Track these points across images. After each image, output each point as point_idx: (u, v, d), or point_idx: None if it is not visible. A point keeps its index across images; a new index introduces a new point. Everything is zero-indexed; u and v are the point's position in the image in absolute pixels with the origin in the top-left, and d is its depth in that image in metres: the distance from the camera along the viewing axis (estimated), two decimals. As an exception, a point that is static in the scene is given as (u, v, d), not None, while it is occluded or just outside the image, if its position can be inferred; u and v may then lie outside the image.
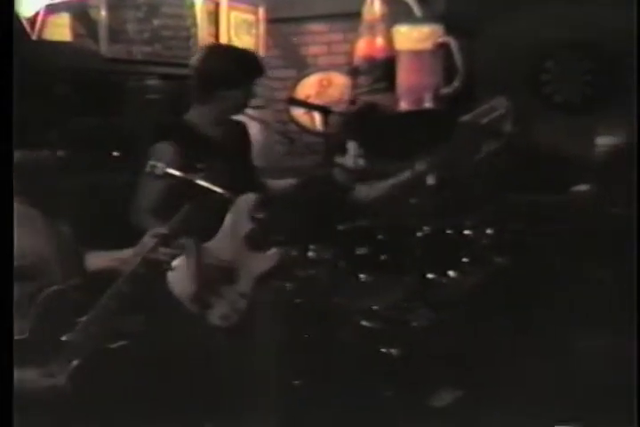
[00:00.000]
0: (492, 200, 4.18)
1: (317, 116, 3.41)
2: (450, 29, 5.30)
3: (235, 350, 3.34)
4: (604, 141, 4.99)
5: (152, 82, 4.66)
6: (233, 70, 3.53)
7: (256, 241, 3.38)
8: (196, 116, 3.61)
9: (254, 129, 5.42)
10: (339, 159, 4.40)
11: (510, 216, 4.02)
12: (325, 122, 3.39)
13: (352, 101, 3.72)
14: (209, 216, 3.26)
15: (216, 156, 3.37)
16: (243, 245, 3.35)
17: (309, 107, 3.72)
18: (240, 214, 3.35)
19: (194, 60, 3.66)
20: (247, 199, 3.38)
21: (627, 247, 4.06)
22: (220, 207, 3.30)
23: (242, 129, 3.86)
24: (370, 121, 5.16)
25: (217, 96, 3.55)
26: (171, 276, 3.19)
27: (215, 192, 2.97)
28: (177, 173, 2.96)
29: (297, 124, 5.55)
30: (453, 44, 5.20)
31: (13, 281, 2.47)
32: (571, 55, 5.20)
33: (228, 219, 3.34)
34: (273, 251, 3.41)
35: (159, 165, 2.97)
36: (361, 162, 4.38)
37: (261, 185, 3.66)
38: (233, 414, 3.32)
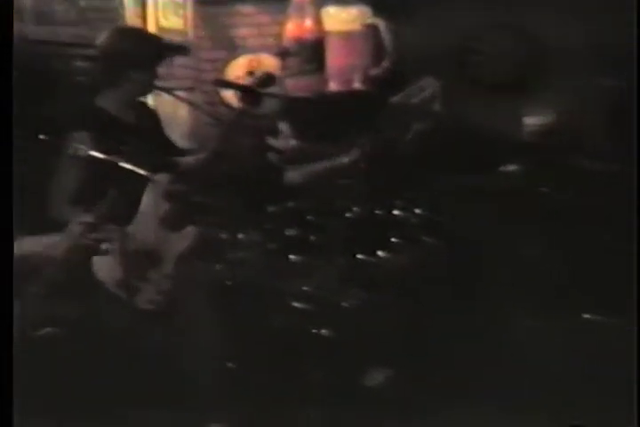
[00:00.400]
0: (421, 181, 4.17)
1: (245, 97, 3.33)
2: (378, 10, 5.27)
3: (165, 333, 3.33)
4: (531, 121, 5.01)
5: (79, 64, 4.57)
6: (136, 52, 3.50)
7: (172, 221, 3.35)
8: (107, 100, 3.59)
9: (183, 111, 5.39)
10: (270, 141, 4.38)
11: (440, 196, 4.02)
12: (252, 102, 3.33)
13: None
14: (131, 200, 3.24)
15: (132, 138, 3.33)
16: (160, 226, 3.32)
17: (235, 87, 3.67)
18: (156, 195, 3.31)
19: (99, 41, 3.61)
20: (161, 179, 3.33)
21: (555, 226, 4.13)
22: (139, 190, 3.28)
23: (151, 110, 3.86)
24: (300, 102, 5.15)
25: (122, 78, 3.53)
26: (96, 262, 3.15)
27: (137, 174, 2.94)
28: (100, 155, 2.93)
29: (227, 105, 5.48)
30: (382, 25, 5.19)
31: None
32: (498, 36, 5.19)
33: (145, 200, 3.30)
34: (188, 229, 3.40)
35: (81, 147, 2.93)
36: (292, 143, 4.37)
37: (174, 164, 3.60)
38: (165, 397, 3.30)
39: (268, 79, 3.38)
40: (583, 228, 4.19)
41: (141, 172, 2.96)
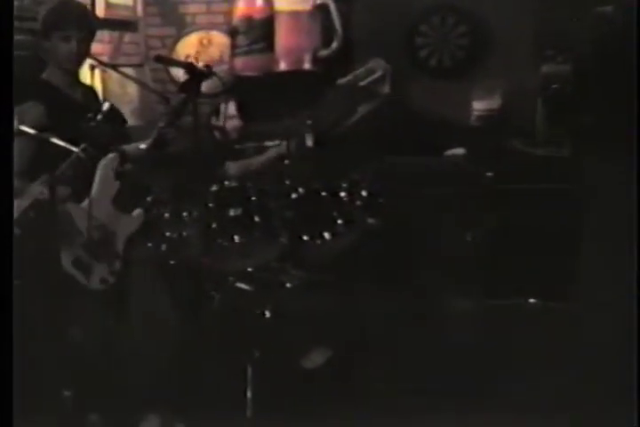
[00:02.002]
0: (367, 162, 4.14)
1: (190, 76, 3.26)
2: (328, -10, 5.21)
3: (112, 313, 3.30)
4: (478, 106, 5.00)
5: (20, 37, 4.45)
6: (61, 21, 3.43)
7: (123, 201, 3.33)
8: (52, 75, 3.54)
9: (132, 89, 5.30)
10: (214, 120, 4.32)
11: (385, 179, 3.99)
12: (193, 80, 3.25)
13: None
14: (82, 177, 3.18)
15: (79, 116, 3.25)
16: (112, 207, 3.29)
17: (176, 64, 3.62)
18: (107, 175, 3.26)
19: (41, 15, 3.55)
20: (112, 159, 3.28)
21: (499, 211, 4.15)
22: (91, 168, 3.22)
23: (94, 92, 3.83)
24: (248, 81, 5.08)
25: (52, 47, 3.47)
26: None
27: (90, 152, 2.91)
28: (31, 131, 2.91)
29: (176, 83, 5.40)
30: (332, 5, 5.14)
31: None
32: (445, 19, 5.16)
33: (97, 180, 3.25)
34: (137, 212, 3.40)
35: (19, 124, 2.88)
36: (236, 122, 4.31)
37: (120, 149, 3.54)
38: (103, 383, 3.25)
39: (201, 75, 3.30)
40: (526, 212, 4.21)
41: (73, 148, 2.92)
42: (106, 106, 3.24)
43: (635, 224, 3.06)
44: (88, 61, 3.63)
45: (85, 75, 3.79)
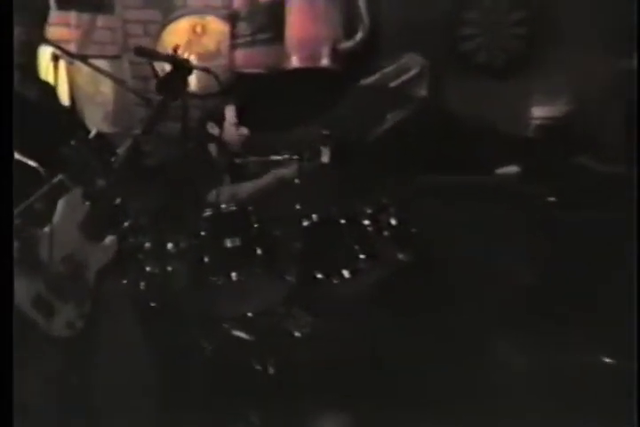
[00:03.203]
0: (397, 183, 4.24)
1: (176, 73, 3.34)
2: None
3: (81, 363, 3.33)
4: (539, 113, 5.06)
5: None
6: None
7: (92, 227, 3.37)
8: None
9: (106, 87, 5.38)
10: (211, 128, 4.37)
11: (419, 203, 4.08)
12: (176, 76, 3.34)
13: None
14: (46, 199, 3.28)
15: (35, 120, 3.35)
16: (79, 233, 3.34)
17: (162, 58, 3.63)
18: (73, 194, 3.29)
19: None
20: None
21: (559, 245, 4.18)
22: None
23: (55, 90, 3.87)
24: (251, 80, 5.13)
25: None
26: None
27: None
28: None
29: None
30: (357, -14, 5.23)
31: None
32: (496, 3, 5.24)
33: (62, 202, 3.32)
34: (110, 240, 3.43)
35: None
36: (236, 131, 4.39)
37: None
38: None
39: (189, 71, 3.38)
40: (598, 247, 4.26)
41: (32, 163, 3.00)
42: (93, 132, 3.30)
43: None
44: (49, 50, 3.68)
45: (46, 68, 3.83)
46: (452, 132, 4.88)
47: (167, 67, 3.52)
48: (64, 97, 4.05)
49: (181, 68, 3.36)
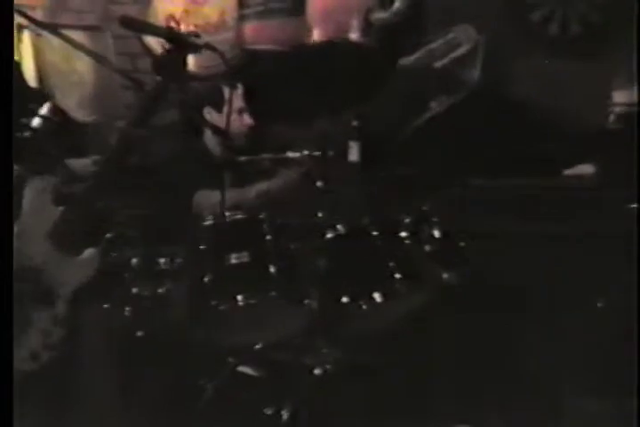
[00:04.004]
0: (442, 186, 4.20)
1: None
2: None
3: (44, 405, 3.34)
4: (621, 98, 5.03)
5: None
6: None
7: (66, 238, 3.36)
8: None
9: (83, 65, 5.38)
10: (209, 116, 4.36)
11: (469, 212, 4.05)
12: (175, 54, 3.31)
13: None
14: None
15: None
16: (49, 244, 3.33)
17: (153, 31, 3.61)
18: (39, 199, 3.32)
19: None
20: (46, 181, 3.34)
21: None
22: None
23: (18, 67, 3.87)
24: (264, 59, 5.14)
25: None
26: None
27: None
28: None
29: (154, 58, 5.49)
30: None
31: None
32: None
33: (25, 205, 3.31)
34: (89, 253, 3.41)
35: None
36: (244, 121, 4.37)
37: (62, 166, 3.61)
38: None
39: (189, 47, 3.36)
40: None
41: None
42: (45, 108, 3.30)
43: None
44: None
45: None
46: (512, 123, 4.84)
47: (158, 42, 3.52)
48: (29, 75, 4.01)
49: (177, 44, 3.31)
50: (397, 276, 3.74)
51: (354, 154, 3.90)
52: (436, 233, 3.83)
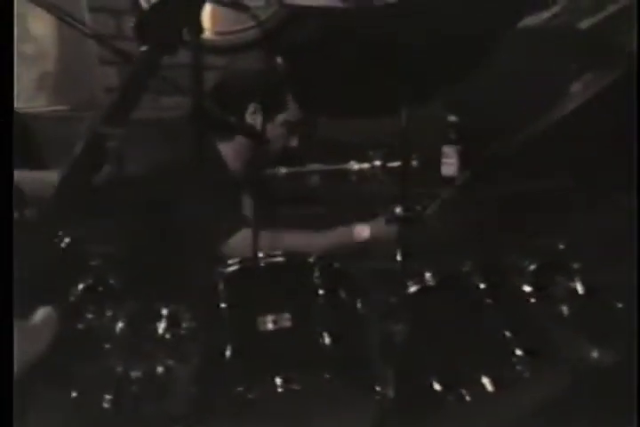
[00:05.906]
0: (589, 212, 4.20)
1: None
2: None
3: None
4: None
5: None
6: None
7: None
8: None
9: (41, 27, 5.47)
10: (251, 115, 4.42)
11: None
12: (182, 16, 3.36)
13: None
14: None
15: None
16: None
17: None
18: None
19: None
20: None
21: None
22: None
23: None
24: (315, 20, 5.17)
25: None
26: None
27: None
28: None
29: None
30: None
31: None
32: None
33: None
34: (43, 313, 3.30)
35: None
36: (286, 115, 4.41)
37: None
38: None
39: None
40: None
41: None
42: None
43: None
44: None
45: None
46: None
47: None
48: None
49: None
50: (518, 352, 3.78)
51: (450, 165, 3.91)
52: (579, 287, 3.83)
